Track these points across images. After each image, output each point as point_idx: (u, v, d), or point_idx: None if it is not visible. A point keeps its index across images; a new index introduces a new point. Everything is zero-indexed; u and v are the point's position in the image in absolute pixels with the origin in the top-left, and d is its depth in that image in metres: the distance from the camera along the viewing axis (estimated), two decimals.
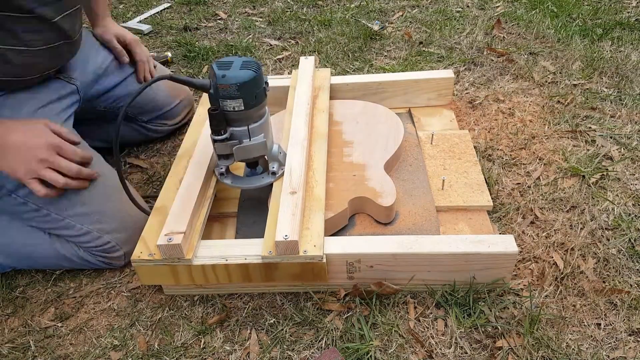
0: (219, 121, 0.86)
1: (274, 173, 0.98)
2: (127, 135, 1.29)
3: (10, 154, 0.84)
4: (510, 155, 1.21)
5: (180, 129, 1.38)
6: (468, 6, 1.97)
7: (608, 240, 0.99)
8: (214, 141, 0.89)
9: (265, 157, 0.97)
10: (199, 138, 1.08)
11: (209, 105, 0.89)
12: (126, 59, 1.21)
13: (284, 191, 0.92)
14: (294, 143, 1.02)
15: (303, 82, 1.23)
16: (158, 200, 0.94)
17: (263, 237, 0.88)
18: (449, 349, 0.83)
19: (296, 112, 1.12)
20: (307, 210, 0.90)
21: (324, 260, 0.83)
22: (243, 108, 0.85)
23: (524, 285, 0.92)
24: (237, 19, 1.99)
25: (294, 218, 0.85)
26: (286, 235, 0.82)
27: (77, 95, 1.07)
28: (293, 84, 1.25)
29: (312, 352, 0.84)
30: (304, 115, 1.11)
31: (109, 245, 0.96)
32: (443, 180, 1.06)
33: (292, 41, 1.81)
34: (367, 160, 1.07)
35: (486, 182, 1.09)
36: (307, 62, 1.31)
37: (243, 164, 0.99)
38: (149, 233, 0.88)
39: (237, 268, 0.85)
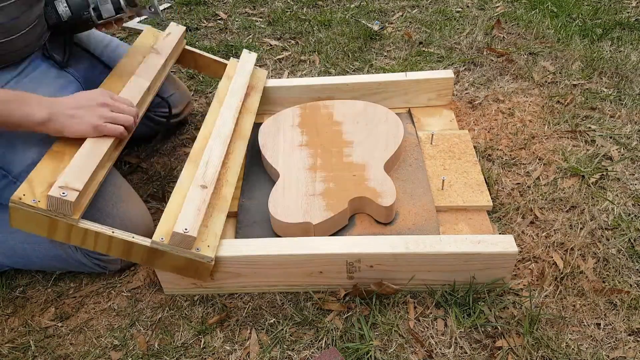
0: None
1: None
2: (136, 129, 1.29)
3: (73, 112, 0.86)
4: (510, 155, 1.21)
5: (181, 129, 1.38)
6: (468, 6, 1.97)
7: (608, 240, 0.99)
8: None
9: None
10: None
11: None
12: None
13: (194, 183, 0.90)
14: (216, 136, 1.01)
15: (241, 76, 1.21)
16: (55, 144, 0.88)
17: (263, 237, 0.88)
18: (449, 348, 0.83)
19: (227, 104, 1.10)
20: (210, 207, 0.89)
21: (213, 262, 0.83)
22: None
23: (524, 285, 0.92)
24: (237, 19, 1.99)
25: (199, 213, 0.84)
26: (186, 229, 0.80)
27: (76, 85, 1.06)
28: (229, 73, 1.23)
29: (312, 352, 0.84)
30: (234, 110, 1.09)
31: None
32: (443, 180, 1.06)
33: (292, 41, 1.81)
34: (367, 160, 1.07)
35: (486, 182, 1.09)
36: (249, 57, 1.29)
37: None
38: (38, 176, 0.82)
39: (120, 243, 0.83)
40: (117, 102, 0.91)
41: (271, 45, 1.79)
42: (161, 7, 2.15)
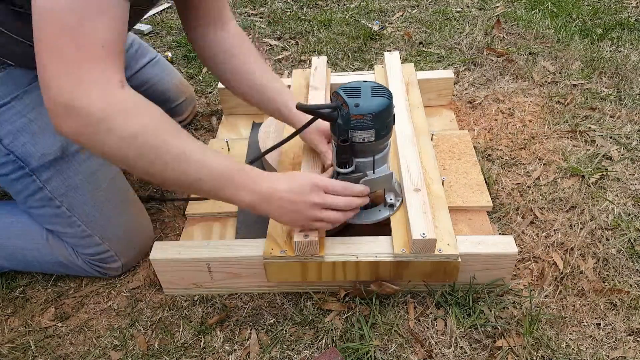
0: (347, 153, 0.80)
1: (391, 205, 0.91)
2: None
3: (282, 205, 0.78)
4: (510, 155, 1.21)
5: (187, 128, 1.38)
6: (468, 6, 1.97)
7: (608, 240, 0.99)
8: (338, 174, 0.84)
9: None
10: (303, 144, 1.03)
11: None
12: None
13: (406, 189, 0.90)
14: (402, 140, 1.00)
15: (394, 77, 1.20)
16: None
17: (263, 237, 0.88)
18: (449, 348, 0.83)
19: (397, 107, 1.09)
20: (432, 207, 0.89)
21: (459, 259, 0.83)
22: (374, 139, 0.78)
23: (524, 285, 0.92)
24: (237, 19, 1.99)
25: (426, 216, 0.84)
26: (424, 234, 0.81)
27: None
28: (379, 79, 1.23)
29: (312, 352, 0.84)
30: (405, 111, 1.08)
31: (107, 254, 0.95)
32: (443, 180, 1.06)
33: (292, 41, 1.81)
34: None
35: (486, 182, 1.09)
36: (392, 57, 1.28)
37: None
38: (275, 230, 0.88)
39: (367, 266, 0.85)
40: (331, 199, 0.79)
41: (271, 45, 1.79)
42: (161, 7, 2.15)
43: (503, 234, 1.01)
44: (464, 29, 1.79)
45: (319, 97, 1.16)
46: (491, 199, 1.04)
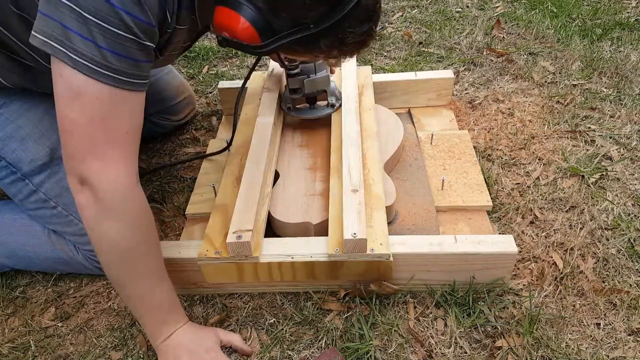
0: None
1: (332, 105, 1.13)
2: None
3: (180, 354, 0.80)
4: (510, 155, 1.21)
5: (181, 129, 1.38)
6: (468, 6, 1.97)
7: (607, 240, 0.99)
8: (289, 75, 1.06)
9: (326, 91, 1.11)
10: (252, 136, 1.06)
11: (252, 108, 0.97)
12: None
13: (345, 189, 0.91)
14: (347, 142, 1.01)
15: (348, 79, 1.21)
16: (218, 199, 0.95)
17: (264, 237, 0.88)
18: (449, 348, 0.83)
19: (346, 110, 1.11)
20: (368, 208, 0.90)
21: (391, 258, 0.83)
22: None
23: (524, 285, 0.92)
24: None
25: (360, 216, 0.85)
26: (354, 234, 0.81)
27: None
28: (337, 81, 1.23)
29: (312, 352, 0.84)
30: (354, 114, 1.09)
31: None
32: (443, 180, 1.06)
33: None
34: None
35: (486, 182, 1.09)
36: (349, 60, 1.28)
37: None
38: (213, 231, 0.88)
39: (302, 266, 0.85)
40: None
41: None
42: None
43: (503, 234, 1.01)
44: (464, 29, 1.79)
45: (272, 98, 1.17)
46: (491, 198, 1.04)
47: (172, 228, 1.09)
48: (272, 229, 0.99)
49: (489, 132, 1.29)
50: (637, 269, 0.93)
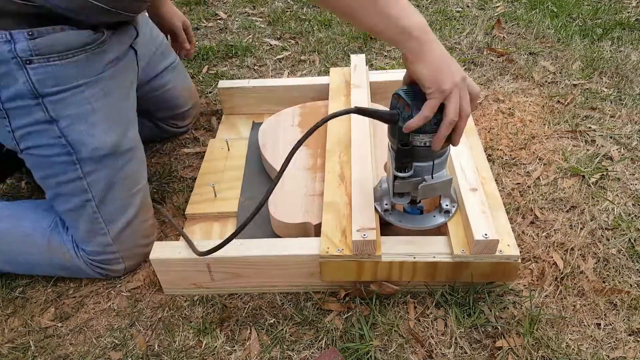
0: (408, 157, 0.78)
1: (447, 212, 0.89)
2: (141, 131, 1.30)
3: (445, 66, 0.74)
4: (510, 155, 1.21)
5: (183, 133, 1.38)
6: (468, 6, 1.97)
7: (608, 240, 0.99)
8: (396, 178, 0.80)
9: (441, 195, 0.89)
10: (346, 133, 1.05)
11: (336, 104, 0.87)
12: (187, 45, 1.20)
13: (462, 188, 0.89)
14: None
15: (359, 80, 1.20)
16: (326, 196, 0.93)
17: (263, 237, 0.88)
18: (449, 348, 0.83)
19: None
20: (489, 207, 0.87)
21: (519, 260, 0.82)
22: None
23: (524, 285, 0.92)
24: (237, 19, 1.99)
25: (486, 216, 0.83)
26: (486, 234, 0.80)
27: (137, 78, 1.02)
28: (338, 81, 1.23)
29: (312, 352, 0.84)
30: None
31: (113, 255, 0.95)
32: None
33: (292, 41, 1.81)
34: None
35: None
36: (359, 58, 1.29)
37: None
38: (329, 229, 0.87)
39: (424, 266, 0.84)
40: (465, 90, 0.74)
41: (271, 45, 1.79)
42: None
43: None
44: (464, 29, 1.79)
45: (362, 95, 1.16)
46: None
47: (172, 228, 1.09)
48: (273, 230, 0.99)
49: (489, 132, 1.29)
50: (637, 269, 0.93)
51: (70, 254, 0.94)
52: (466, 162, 0.95)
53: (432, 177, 0.81)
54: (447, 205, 0.89)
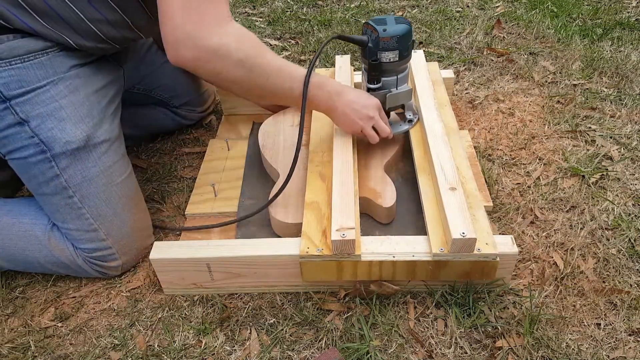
0: (376, 71, 0.97)
1: (410, 121, 1.09)
2: (161, 121, 1.31)
3: (348, 111, 0.95)
4: (510, 155, 1.21)
5: (181, 129, 1.38)
6: (468, 6, 1.97)
7: (608, 240, 0.99)
8: (369, 89, 1.00)
9: (404, 105, 1.08)
10: (330, 133, 1.07)
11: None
12: None
13: (442, 188, 0.89)
14: (434, 139, 1.00)
15: (420, 75, 1.20)
16: (307, 197, 0.94)
17: (263, 237, 0.88)
18: (449, 349, 0.83)
19: (425, 106, 1.09)
20: (468, 206, 0.88)
21: (498, 259, 0.82)
22: (397, 59, 0.96)
23: (524, 285, 0.92)
24: (237, 19, 1.99)
25: (465, 215, 0.83)
26: (463, 233, 0.80)
27: (122, 81, 1.05)
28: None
29: (312, 352, 0.84)
30: (434, 110, 1.08)
31: (108, 251, 0.95)
32: None
33: (292, 41, 1.81)
34: (367, 161, 1.07)
35: (486, 182, 1.09)
36: (416, 55, 1.28)
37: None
38: (310, 229, 0.87)
39: (404, 265, 0.84)
40: (380, 123, 0.98)
41: (271, 45, 1.79)
42: None
43: (503, 234, 1.00)
44: (464, 29, 1.79)
45: None
46: (491, 198, 1.04)
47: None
48: (273, 230, 0.99)
49: (489, 132, 1.29)
50: (637, 269, 0.93)
51: (70, 250, 0.94)
52: (446, 161, 0.95)
53: (397, 89, 1.02)
54: (410, 116, 1.09)
